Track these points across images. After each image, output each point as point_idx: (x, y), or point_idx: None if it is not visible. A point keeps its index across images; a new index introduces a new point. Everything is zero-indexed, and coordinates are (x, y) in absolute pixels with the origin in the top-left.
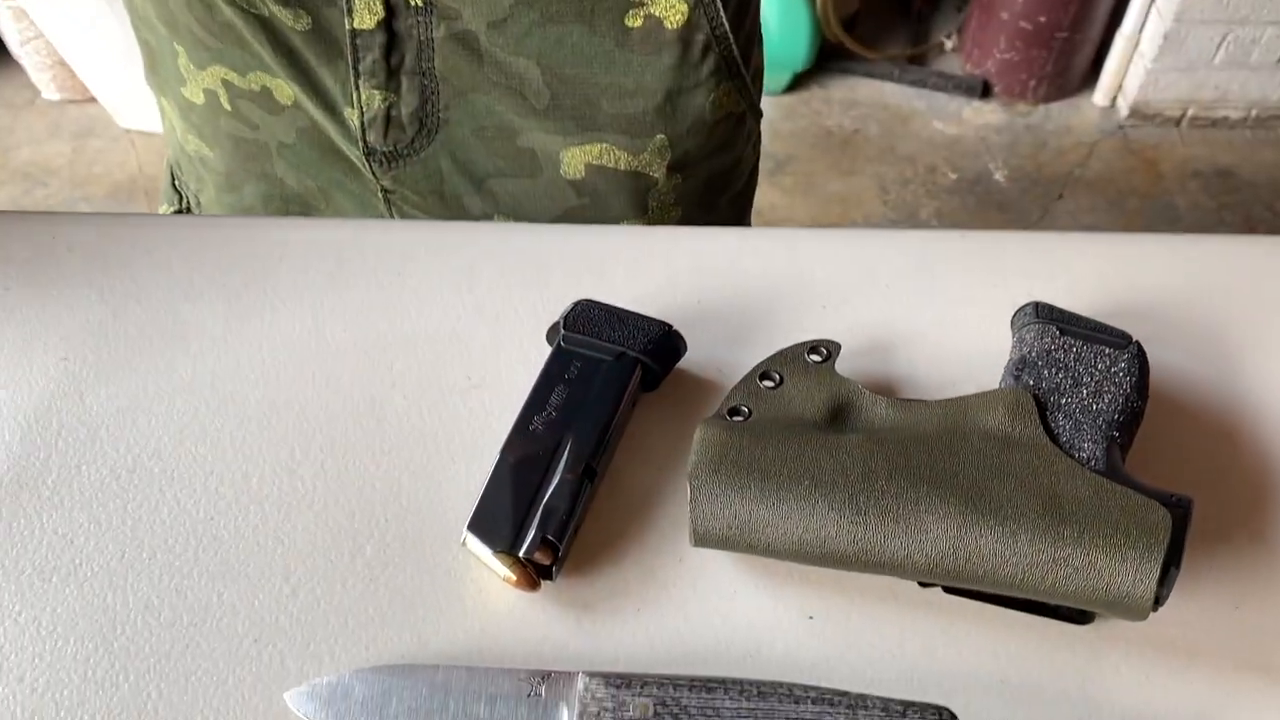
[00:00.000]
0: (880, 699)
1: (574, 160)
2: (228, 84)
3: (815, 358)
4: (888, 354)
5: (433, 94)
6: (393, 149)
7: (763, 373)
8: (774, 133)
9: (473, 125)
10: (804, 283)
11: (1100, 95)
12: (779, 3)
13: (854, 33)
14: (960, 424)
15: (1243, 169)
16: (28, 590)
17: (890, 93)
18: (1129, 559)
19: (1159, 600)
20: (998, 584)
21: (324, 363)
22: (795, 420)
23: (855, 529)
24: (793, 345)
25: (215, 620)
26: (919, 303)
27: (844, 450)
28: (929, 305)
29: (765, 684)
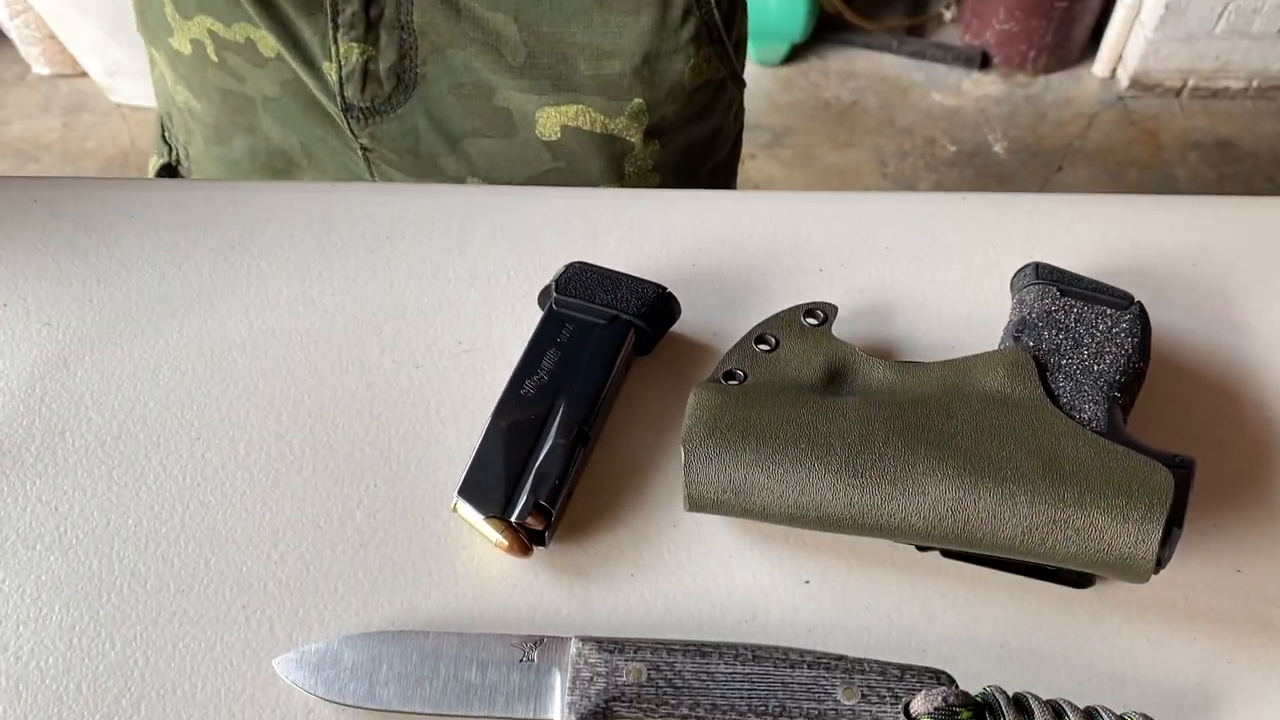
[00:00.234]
0: (878, 663)
1: (549, 121)
2: (213, 34)
3: (811, 321)
4: (886, 317)
5: (411, 48)
6: (370, 104)
7: (758, 336)
8: (771, 104)
9: (450, 82)
10: (800, 246)
11: (1100, 66)
12: None
13: (852, 4)
14: (959, 386)
15: (1243, 140)
16: (12, 558)
17: (889, 64)
18: (1131, 520)
19: (1161, 562)
20: (997, 546)
21: (312, 327)
22: (791, 384)
23: (852, 492)
24: (789, 308)
25: (202, 587)
26: (918, 266)
27: (841, 413)
28: (928, 268)
29: (760, 648)
